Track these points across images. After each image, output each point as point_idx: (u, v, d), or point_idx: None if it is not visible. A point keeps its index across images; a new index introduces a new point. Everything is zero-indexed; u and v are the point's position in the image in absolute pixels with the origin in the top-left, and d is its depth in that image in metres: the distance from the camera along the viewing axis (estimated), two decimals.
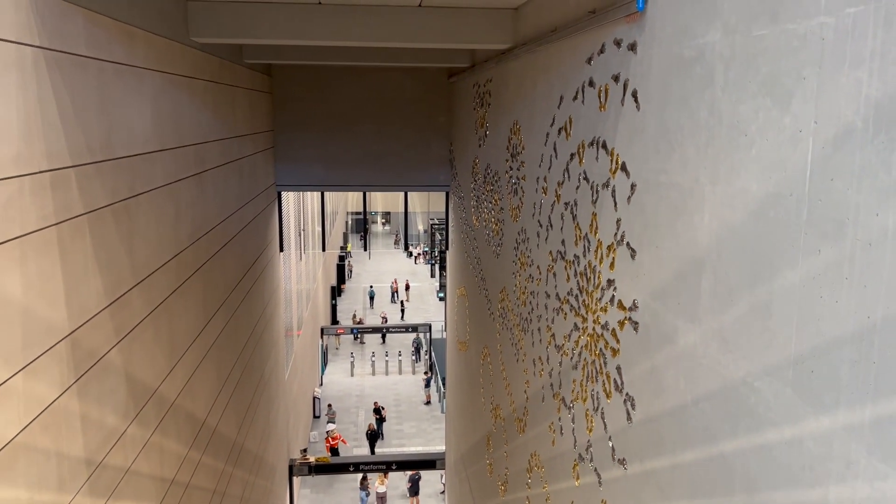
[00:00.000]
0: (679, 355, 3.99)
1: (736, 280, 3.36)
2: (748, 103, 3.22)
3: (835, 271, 2.64)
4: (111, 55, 5.43)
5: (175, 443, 7.16)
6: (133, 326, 5.87)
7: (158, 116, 6.58)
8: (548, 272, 6.82)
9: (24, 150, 4.05)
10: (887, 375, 2.38)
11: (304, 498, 21.17)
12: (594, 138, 5.40)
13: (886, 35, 2.36)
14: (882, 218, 2.39)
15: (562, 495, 6.52)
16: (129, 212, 5.77)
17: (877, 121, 2.41)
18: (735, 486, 3.40)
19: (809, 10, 2.77)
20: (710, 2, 3.56)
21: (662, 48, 4.15)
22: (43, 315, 4.29)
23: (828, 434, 2.70)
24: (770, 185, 3.06)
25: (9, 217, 3.88)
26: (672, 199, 4.04)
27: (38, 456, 4.24)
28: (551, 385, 6.78)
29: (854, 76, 2.52)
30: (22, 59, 4.04)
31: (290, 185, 14.84)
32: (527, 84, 7.73)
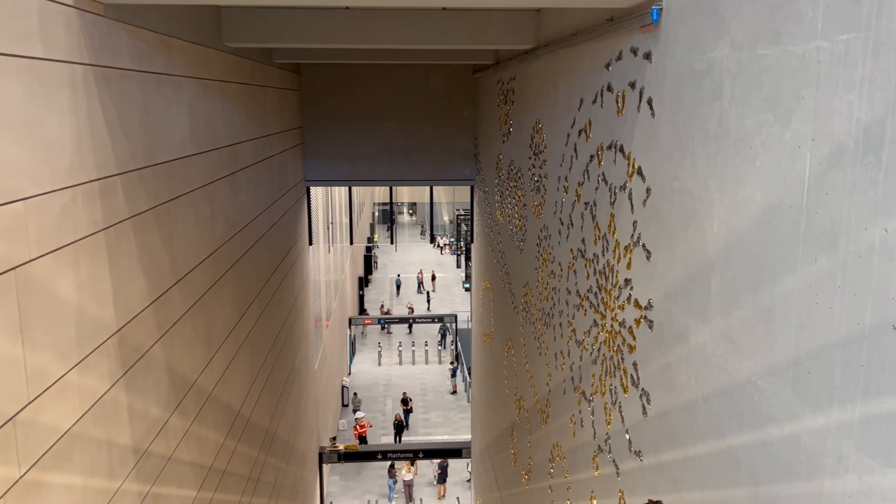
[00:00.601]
0: (690, 353, 4.19)
1: (742, 284, 3.55)
2: (753, 118, 3.40)
3: (829, 280, 2.83)
4: (151, 66, 5.73)
5: (212, 432, 7.52)
6: (174, 322, 6.21)
7: (195, 121, 6.89)
8: (569, 269, 7.03)
9: (76, 162, 4.36)
10: (874, 378, 2.58)
11: (334, 484, 21.65)
12: (612, 142, 5.58)
13: (874, 63, 2.54)
14: (870, 232, 2.58)
15: (582, 485, 6.75)
16: (169, 214, 6.09)
17: (866, 142, 2.59)
18: (740, 479, 3.61)
19: (807, 34, 2.95)
20: (718, 19, 3.74)
21: (675, 59, 4.33)
22: (94, 314, 4.62)
23: (822, 431, 2.90)
24: (772, 196, 3.24)
25: (64, 225, 4.20)
26: (684, 205, 4.23)
27: (91, 445, 4.58)
28: (572, 378, 7.00)
29: (846, 99, 2.70)
30: (73, 77, 4.35)
31: (318, 181, 15.17)
32: (548, 84, 7.91)
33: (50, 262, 4.02)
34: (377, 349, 32.62)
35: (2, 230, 3.53)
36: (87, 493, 4.51)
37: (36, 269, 3.86)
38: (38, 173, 3.90)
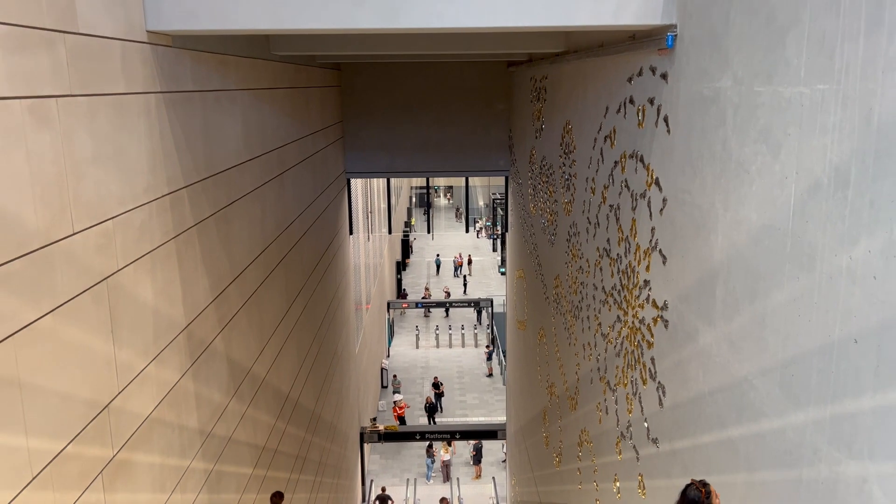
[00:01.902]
0: (699, 352, 4.63)
1: (741, 293, 3.98)
2: (750, 146, 3.81)
3: (808, 296, 3.25)
4: (210, 84, 6.30)
5: (265, 414, 8.18)
6: (231, 316, 6.83)
7: (247, 130, 7.47)
8: (595, 266, 7.47)
9: (151, 181, 4.96)
10: (840, 383, 3.01)
11: (374, 463, 22.45)
12: (634, 151, 5.99)
13: (843, 113, 2.95)
14: (839, 258, 3.00)
15: (607, 468, 7.23)
16: (227, 218, 6.69)
17: (836, 181, 3.01)
18: (739, 466, 4.06)
19: (793, 79, 3.35)
20: (723, 53, 4.14)
21: (687, 83, 4.72)
22: (167, 313, 5.23)
23: (801, 426, 3.34)
24: (765, 218, 3.66)
25: (142, 237, 4.80)
26: (694, 217, 4.65)
27: (166, 429, 5.22)
28: (598, 369, 7.46)
29: (822, 141, 3.11)
30: (148, 105, 4.93)
31: (358, 173, 15.73)
32: (578, 88, 8.30)
33: (132, 270, 4.62)
34: (415, 332, 33.35)
35: (96, 246, 4.13)
36: (164, 470, 5.16)
37: (122, 277, 4.47)
38: (122, 194, 4.50)
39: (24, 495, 3.38)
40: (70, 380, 3.84)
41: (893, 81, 2.63)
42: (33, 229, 3.50)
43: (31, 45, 3.49)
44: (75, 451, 3.87)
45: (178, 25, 4.94)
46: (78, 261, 3.91)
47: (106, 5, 4.30)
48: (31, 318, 3.46)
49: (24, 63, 3.42)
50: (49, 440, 3.63)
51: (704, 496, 3.62)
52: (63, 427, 3.77)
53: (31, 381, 3.46)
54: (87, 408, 4.03)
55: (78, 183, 3.93)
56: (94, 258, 4.09)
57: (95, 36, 4.15)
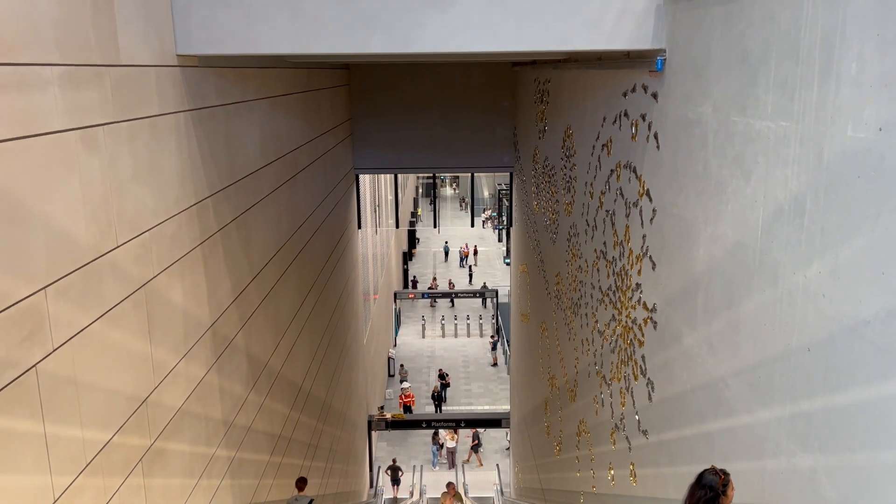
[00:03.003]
0: (683, 353, 5.06)
1: (718, 301, 4.40)
2: (727, 169, 4.22)
3: (772, 308, 3.67)
4: (231, 97, 6.72)
5: (280, 405, 8.66)
6: (251, 314, 7.29)
7: (264, 136, 7.90)
8: (593, 267, 7.89)
9: (180, 193, 5.39)
10: (796, 386, 3.44)
11: (381, 450, 23.00)
12: (628, 162, 6.40)
13: (800, 148, 3.36)
14: (797, 276, 3.42)
15: (603, 457, 7.69)
16: (247, 222, 7.13)
17: (795, 208, 3.42)
18: (716, 457, 4.50)
19: (762, 114, 3.75)
20: (704, 82, 4.54)
21: (674, 105, 5.12)
22: (194, 314, 5.69)
23: (766, 423, 3.77)
24: (739, 235, 4.08)
25: (174, 245, 5.24)
26: (680, 229, 5.07)
27: (194, 420, 5.68)
28: (595, 364, 7.90)
29: (784, 172, 3.52)
30: (178, 123, 5.36)
31: (366, 169, 16.15)
32: (578, 95, 8.68)
33: (165, 276, 5.07)
34: (421, 322, 33.85)
35: (135, 257, 4.58)
36: (193, 458, 5.63)
37: (157, 283, 4.91)
38: (157, 207, 4.94)
39: (79, 480, 3.85)
40: (115, 377, 4.29)
41: (840, 127, 3.04)
42: (85, 245, 3.94)
43: (82, 81, 3.92)
44: (120, 441, 4.34)
45: (206, 49, 5.36)
46: (121, 270, 4.36)
47: (143, 35, 4.72)
48: (84, 324, 3.91)
49: (77, 98, 3.86)
50: (99, 431, 4.09)
51: (721, 484, 3.52)
52: (110, 420, 4.23)
53: (85, 379, 3.92)
54: (129, 402, 4.49)
55: (121, 200, 4.37)
56: (133, 267, 4.54)
57: (134, 65, 4.58)
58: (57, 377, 3.63)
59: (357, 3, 5.18)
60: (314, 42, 5.32)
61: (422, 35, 5.33)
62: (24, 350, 3.36)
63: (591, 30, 5.35)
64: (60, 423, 3.67)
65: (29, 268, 3.41)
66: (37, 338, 3.46)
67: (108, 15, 4.23)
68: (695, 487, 3.62)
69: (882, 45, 2.75)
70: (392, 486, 20.10)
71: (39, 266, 3.49)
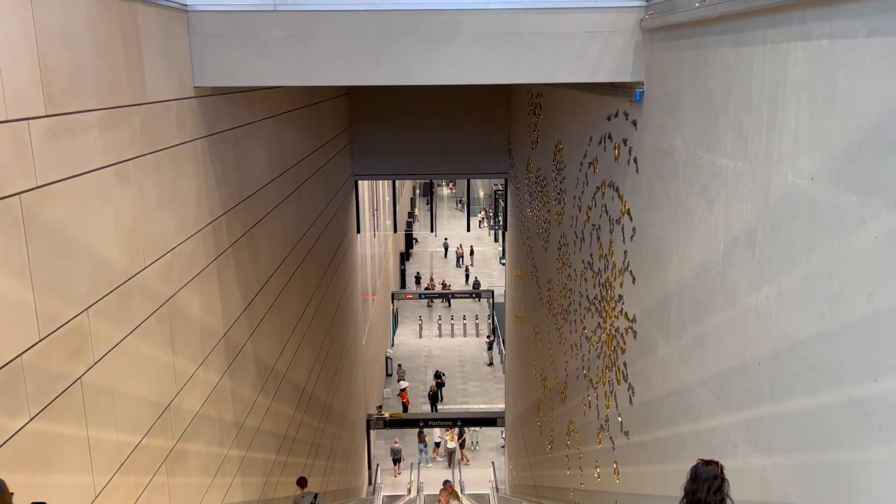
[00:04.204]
0: (659, 361, 5.53)
1: (687, 316, 4.88)
2: (694, 198, 4.70)
3: (731, 325, 4.15)
4: (241, 120, 7.17)
5: (286, 407, 9.12)
6: (259, 322, 7.75)
7: (270, 153, 8.35)
8: (581, 276, 8.36)
9: (198, 214, 5.85)
10: (749, 395, 3.92)
11: (380, 448, 23.48)
12: (611, 181, 6.87)
13: (753, 187, 3.83)
14: (750, 299, 3.90)
15: (590, 455, 8.17)
16: (255, 236, 7.59)
17: (748, 239, 3.89)
18: (685, 456, 4.98)
19: (723, 152, 4.23)
20: (676, 117, 5.01)
21: (651, 134, 5.60)
22: (210, 324, 6.15)
23: (726, 427, 4.25)
24: (704, 258, 4.55)
25: (192, 262, 5.70)
26: (656, 248, 5.54)
27: (210, 422, 6.15)
28: (583, 367, 8.38)
29: (740, 206, 4.00)
30: (195, 150, 5.81)
31: (365, 175, 16.60)
32: (567, 113, 9.15)
33: (185, 291, 5.53)
34: (418, 322, 34.32)
35: (159, 276, 5.04)
36: (209, 458, 6.10)
37: (178, 298, 5.38)
38: (177, 229, 5.40)
39: (115, 479, 4.31)
40: (143, 386, 4.76)
41: (782, 172, 3.51)
42: (119, 268, 4.40)
43: (116, 121, 4.38)
44: (147, 443, 4.80)
45: (221, 82, 5.82)
46: (148, 289, 4.82)
47: (165, 73, 5.18)
48: (118, 339, 4.38)
49: (112, 137, 4.32)
50: (130, 435, 4.55)
51: (721, 470, 3.44)
52: (139, 424, 4.69)
53: (119, 388, 4.38)
54: (155, 408, 4.95)
55: (148, 225, 4.83)
56: (158, 285, 5.00)
57: (159, 101, 5.04)
58: (97, 387, 4.09)
59: (361, 41, 5.64)
60: (321, 75, 5.78)
61: (420, 68, 5.80)
62: (71, 364, 3.82)
63: (576, 63, 5.82)
64: (100, 428, 4.13)
65: (75, 292, 3.87)
66: (81, 353, 3.92)
67: (137, 59, 4.69)
68: (691, 483, 3.50)
69: (813, 106, 3.22)
70: (393, 465, 21.86)
71: (83, 289, 3.95)
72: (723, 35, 4.21)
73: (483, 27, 5.71)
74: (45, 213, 3.60)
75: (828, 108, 3.11)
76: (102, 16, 4.23)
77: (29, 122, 3.45)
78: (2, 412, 3.23)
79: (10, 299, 3.30)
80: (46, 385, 3.59)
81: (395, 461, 22.17)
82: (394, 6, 5.67)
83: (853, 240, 2.93)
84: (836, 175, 3.05)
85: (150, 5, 4.92)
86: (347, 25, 5.65)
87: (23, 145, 3.42)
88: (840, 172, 3.03)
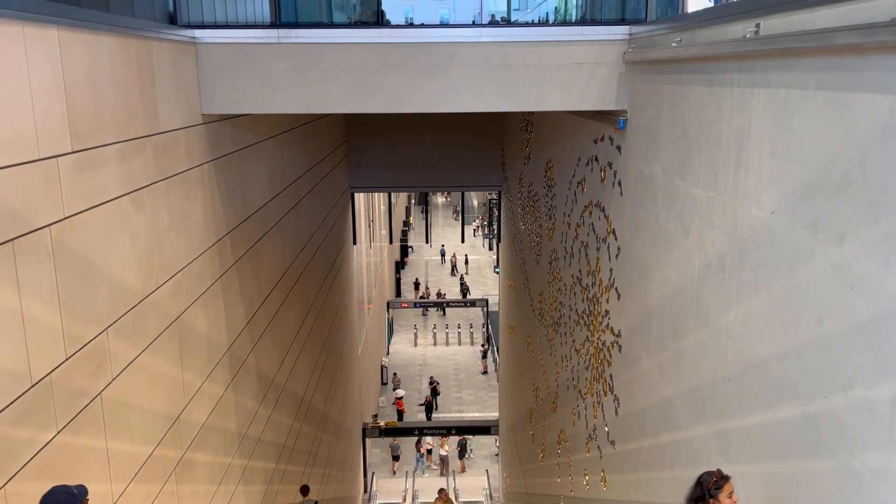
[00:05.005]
0: (641, 374, 5.86)
1: (667, 333, 5.20)
2: (672, 223, 5.03)
3: (704, 345, 4.48)
4: (244, 142, 7.49)
5: (285, 417, 9.41)
6: (260, 335, 8.05)
7: (271, 172, 8.66)
8: (570, 290, 8.69)
9: (204, 234, 6.16)
10: (719, 409, 4.24)
11: (375, 456, 23.71)
12: (598, 202, 7.20)
13: (723, 217, 4.16)
14: (721, 320, 4.22)
15: (579, 463, 8.48)
16: (258, 253, 7.90)
17: (718, 265, 4.22)
18: (665, 465, 5.30)
19: (697, 182, 4.56)
20: (656, 147, 5.35)
21: (634, 161, 5.93)
22: (216, 339, 6.45)
23: (701, 437, 4.57)
24: (681, 280, 4.88)
25: (200, 281, 6.01)
26: (638, 268, 5.87)
27: (215, 433, 6.44)
28: (573, 378, 8.69)
29: (711, 234, 4.32)
30: (202, 174, 6.13)
31: (361, 188, 16.92)
32: (558, 133, 9.50)
33: (193, 309, 5.84)
34: (413, 330, 34.59)
35: (170, 295, 5.34)
36: (214, 467, 6.39)
37: (186, 316, 5.68)
38: (186, 250, 5.70)
39: (130, 487, 4.60)
40: (156, 399, 5.06)
41: (748, 205, 3.84)
42: (134, 289, 4.71)
43: (132, 152, 4.69)
44: (159, 454, 5.10)
45: (227, 110, 6.14)
46: (160, 308, 5.13)
47: (176, 103, 5.50)
48: (133, 356, 4.68)
49: (128, 167, 4.63)
50: (144, 446, 4.85)
51: (713, 484, 3.53)
52: (152, 435, 4.99)
53: (134, 402, 4.68)
54: (166, 420, 5.25)
55: (160, 248, 5.14)
56: (169, 304, 5.31)
57: (170, 131, 5.35)
58: (115, 402, 4.39)
59: (360, 72, 5.97)
60: (322, 104, 6.11)
61: (416, 98, 6.13)
62: (93, 381, 4.13)
63: (563, 92, 6.16)
64: (117, 439, 4.43)
65: (96, 313, 4.17)
66: (101, 370, 4.22)
67: (151, 93, 5.01)
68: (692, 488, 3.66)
69: (773, 148, 3.56)
70: (392, 461, 22.94)
71: (103, 311, 4.26)
72: (697, 74, 4.55)
73: (476, 59, 6.05)
74: (71, 241, 3.91)
75: (785, 150, 3.44)
76: (121, 56, 4.55)
77: (58, 160, 3.76)
78: (34, 426, 3.53)
79: (42, 323, 3.60)
80: (72, 400, 3.89)
81: (394, 458, 23.20)
82: (391, 39, 6.00)
83: (806, 270, 3.26)
84: (793, 211, 3.39)
85: (162, 41, 5.25)
86: (347, 57, 5.98)
87: (52, 180, 3.73)
88: (795, 209, 3.36)
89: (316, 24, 6.66)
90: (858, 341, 2.89)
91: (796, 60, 3.34)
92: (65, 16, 3.88)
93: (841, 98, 2.97)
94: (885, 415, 2.72)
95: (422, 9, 8.15)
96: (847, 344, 2.97)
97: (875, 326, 2.79)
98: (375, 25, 6.41)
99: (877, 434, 2.78)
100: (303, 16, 6.84)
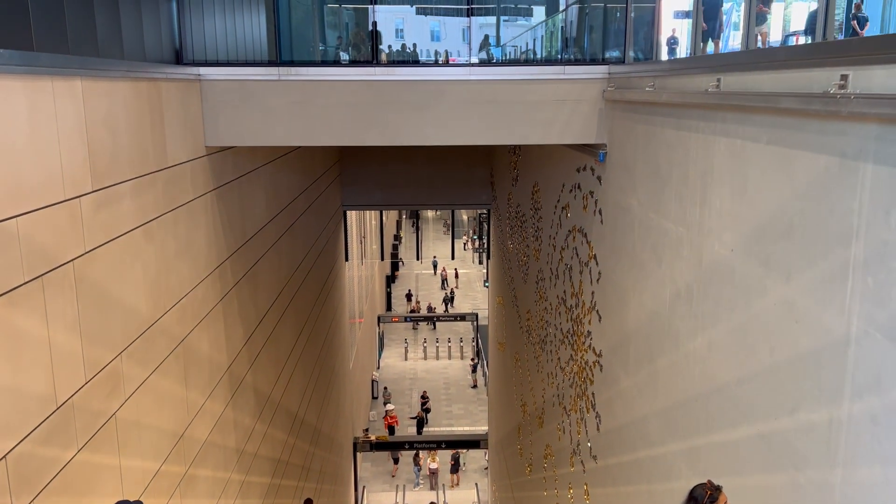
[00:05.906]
0: (620, 393, 6.21)
1: (643, 355, 5.57)
2: (647, 253, 5.41)
3: (676, 366, 4.84)
4: (244, 169, 7.83)
5: (280, 432, 9.70)
6: (257, 354, 8.36)
7: (268, 196, 9.00)
8: (556, 310, 9.05)
9: (207, 259, 6.49)
10: (691, 427, 4.60)
11: (366, 470, 23.92)
12: (581, 227, 7.58)
13: (690, 249, 4.54)
14: (690, 344, 4.59)
15: (564, 478, 8.81)
16: (255, 274, 8.22)
17: (686, 294, 4.60)
18: (641, 480, 5.65)
19: (668, 217, 4.94)
20: (632, 181, 5.73)
21: (612, 192, 6.32)
22: (217, 359, 6.76)
23: (674, 453, 4.93)
24: (655, 305, 5.25)
25: (203, 304, 6.33)
26: (617, 293, 6.24)
27: (216, 449, 6.74)
28: (558, 395, 9.04)
29: (681, 265, 4.70)
30: (205, 203, 6.46)
31: (353, 206, 17.27)
32: (544, 158, 9.89)
33: (196, 331, 6.15)
34: (404, 344, 34.86)
35: (177, 319, 5.67)
36: (214, 482, 6.68)
37: (191, 338, 6.00)
38: (191, 276, 6.03)
39: None
40: (163, 418, 5.37)
41: (711, 242, 4.22)
42: (145, 315, 5.03)
43: (144, 187, 5.03)
44: (165, 469, 5.40)
45: (230, 142, 6.49)
46: (167, 332, 5.45)
47: (182, 138, 5.84)
48: (143, 378, 4.99)
49: (140, 201, 4.96)
50: (152, 462, 5.16)
51: (708, 497, 3.49)
52: (159, 452, 5.29)
53: (144, 421, 4.99)
54: (172, 437, 5.56)
55: (167, 275, 5.46)
56: (176, 328, 5.63)
57: (177, 164, 5.69)
58: (127, 421, 4.71)
59: (356, 108, 6.34)
60: (320, 137, 6.47)
61: (409, 131, 6.50)
62: (109, 402, 4.44)
63: (546, 128, 6.55)
64: (129, 456, 4.74)
65: (111, 339, 4.50)
66: (116, 392, 4.54)
67: (160, 130, 5.36)
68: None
69: (732, 191, 3.94)
70: (392, 465, 24.30)
71: (117, 336, 4.58)
72: (668, 118, 4.94)
73: (464, 95, 6.43)
74: (91, 273, 4.24)
75: (741, 194, 3.83)
76: (134, 98, 4.90)
77: (80, 199, 4.10)
78: (58, 445, 3.85)
79: (65, 350, 3.92)
80: (90, 421, 4.20)
81: (394, 460, 24.36)
82: (385, 77, 6.38)
83: (759, 303, 3.63)
84: (749, 250, 3.77)
85: (170, 81, 5.60)
86: (344, 93, 6.35)
87: (75, 218, 4.06)
88: (751, 248, 3.74)
89: (313, 62, 7.03)
90: (802, 369, 3.26)
91: (751, 116, 3.73)
92: (87, 67, 4.22)
93: (786, 154, 3.36)
94: (823, 435, 3.09)
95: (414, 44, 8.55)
96: (794, 371, 3.34)
97: (815, 357, 3.16)
98: (370, 64, 6.79)
99: (816, 452, 3.15)
100: (301, 54, 7.22)
